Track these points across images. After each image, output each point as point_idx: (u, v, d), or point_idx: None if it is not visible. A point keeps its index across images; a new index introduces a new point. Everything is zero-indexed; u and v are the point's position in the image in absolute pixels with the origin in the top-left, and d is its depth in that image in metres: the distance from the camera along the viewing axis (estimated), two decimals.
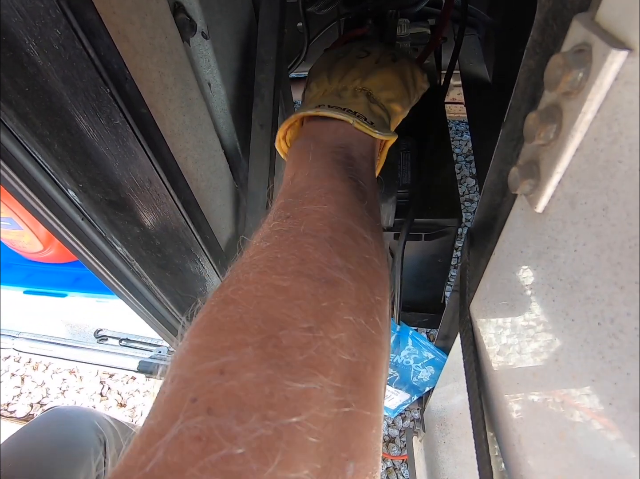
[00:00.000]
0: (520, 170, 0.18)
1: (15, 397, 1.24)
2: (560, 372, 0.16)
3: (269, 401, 0.13)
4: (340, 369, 0.15)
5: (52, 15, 0.27)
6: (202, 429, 0.12)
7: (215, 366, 0.14)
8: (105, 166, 0.38)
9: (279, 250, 0.18)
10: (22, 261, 0.72)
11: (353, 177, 0.24)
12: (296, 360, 0.14)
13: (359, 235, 0.20)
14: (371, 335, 0.17)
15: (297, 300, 0.16)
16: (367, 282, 0.18)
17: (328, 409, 0.14)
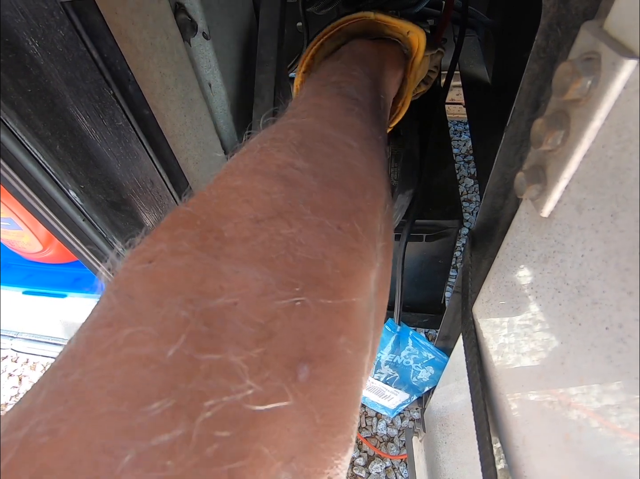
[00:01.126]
0: (526, 174, 0.18)
1: (12, 398, 1.24)
2: (566, 375, 0.16)
3: (197, 287, 0.12)
4: (294, 266, 0.13)
5: (56, 17, 0.27)
6: (115, 314, 0.11)
7: (146, 256, 0.13)
8: (107, 167, 0.38)
9: (241, 156, 0.17)
10: (22, 261, 0.72)
11: (344, 92, 0.23)
12: (237, 250, 0.13)
13: (339, 142, 0.18)
14: (345, 239, 0.15)
15: (247, 196, 0.15)
16: (343, 187, 0.16)
17: (273, 301, 0.12)
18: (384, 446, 1.02)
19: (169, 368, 0.10)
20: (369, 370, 0.17)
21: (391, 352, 0.57)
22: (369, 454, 1.01)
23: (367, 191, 0.17)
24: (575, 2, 0.21)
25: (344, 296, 0.14)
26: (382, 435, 1.04)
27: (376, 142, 0.21)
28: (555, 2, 0.21)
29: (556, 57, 0.23)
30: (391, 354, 0.58)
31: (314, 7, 0.80)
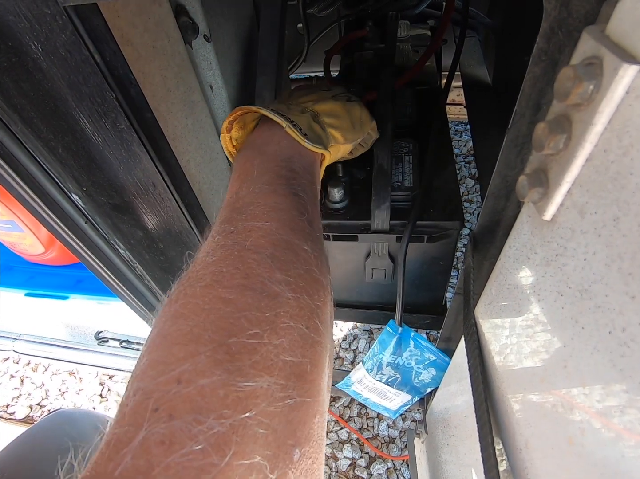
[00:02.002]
0: (528, 178, 0.18)
1: (14, 399, 1.24)
2: (569, 378, 0.16)
3: (223, 402, 0.15)
4: (284, 369, 0.17)
5: (59, 21, 0.27)
6: (165, 434, 0.14)
7: (173, 377, 0.15)
8: (109, 170, 0.38)
9: (224, 264, 0.19)
10: (24, 263, 0.72)
11: (295, 191, 0.25)
12: (245, 364, 0.16)
13: (299, 248, 0.22)
14: (311, 337, 0.19)
15: (243, 311, 0.17)
16: (306, 291, 0.20)
17: (275, 404, 0.16)
18: (385, 447, 1.02)
19: (217, 476, 0.13)
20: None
21: (393, 353, 0.57)
22: (370, 455, 1.01)
23: (320, 289, 0.22)
24: (576, 5, 0.21)
25: (317, 384, 0.18)
26: (383, 436, 1.03)
27: (318, 240, 0.25)
28: (557, 6, 0.21)
29: (558, 60, 0.23)
30: (393, 355, 0.58)
31: (315, 9, 0.80)
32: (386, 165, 0.46)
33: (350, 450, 1.02)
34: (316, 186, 0.31)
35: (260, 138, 0.31)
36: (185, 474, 0.13)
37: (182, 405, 0.14)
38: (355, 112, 0.39)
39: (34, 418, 1.20)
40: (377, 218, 0.48)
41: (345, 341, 1.21)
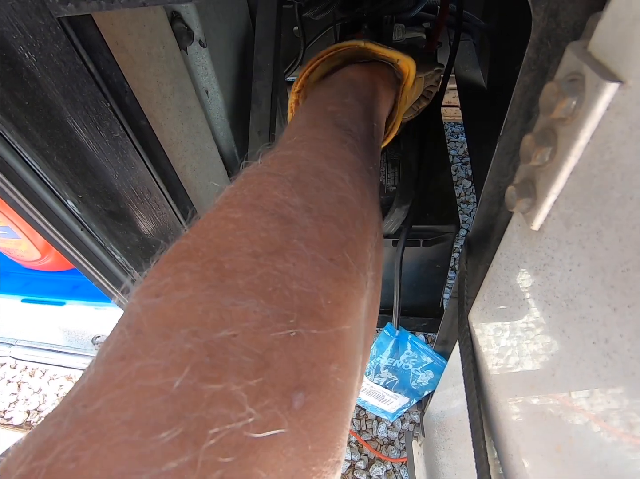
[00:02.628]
0: (517, 188, 0.18)
1: (11, 404, 1.23)
2: (557, 387, 0.17)
3: (200, 319, 0.13)
4: (289, 298, 0.14)
5: (53, 32, 0.27)
6: (127, 347, 0.12)
7: (153, 291, 0.14)
8: (104, 177, 0.38)
9: (238, 187, 0.18)
10: (20, 269, 0.72)
11: (339, 123, 0.23)
12: (237, 283, 0.14)
13: (332, 175, 0.19)
14: (335, 269, 0.16)
15: (246, 230, 0.15)
16: (335, 221, 0.17)
17: (270, 334, 0.13)
18: (384, 449, 1.02)
19: (176, 398, 0.11)
20: (358, 391, 0.17)
21: (390, 356, 0.58)
22: (369, 457, 1.02)
23: (357, 222, 0.18)
24: (564, 16, 0.21)
25: (336, 325, 0.15)
26: (382, 438, 1.04)
27: (367, 173, 0.21)
28: (545, 17, 0.22)
29: (547, 70, 0.23)
30: (390, 358, 0.58)
31: (310, 12, 0.80)
32: (414, 165, 0.45)
33: (350, 452, 1.02)
34: (376, 119, 0.28)
35: (316, 88, 0.31)
36: (138, 393, 0.11)
37: (153, 319, 0.13)
38: (416, 50, 0.39)
39: (31, 423, 1.19)
40: (392, 218, 0.48)
41: None
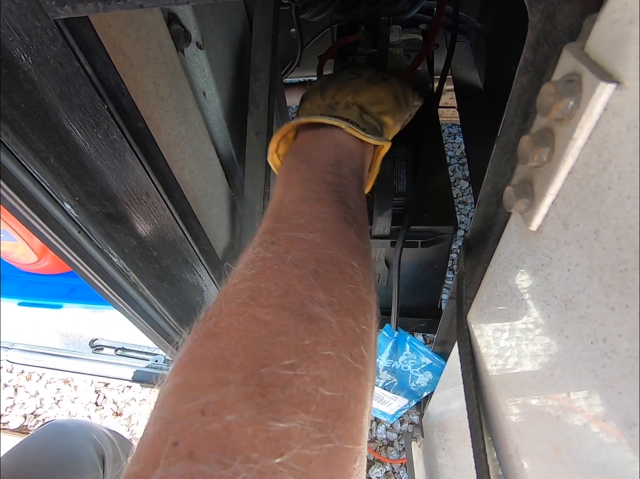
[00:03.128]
0: (515, 189, 0.18)
1: (8, 408, 1.22)
2: (555, 386, 0.17)
3: (251, 443, 0.13)
4: (322, 405, 0.15)
5: (49, 34, 0.27)
6: (184, 475, 0.12)
7: (197, 407, 0.14)
8: (102, 179, 0.38)
9: (263, 279, 0.18)
10: (17, 272, 0.71)
11: (342, 199, 0.24)
12: (278, 398, 0.14)
13: (345, 264, 0.20)
14: (355, 367, 0.17)
15: (279, 336, 0.16)
16: (352, 314, 0.18)
17: (311, 447, 0.14)
18: (383, 450, 1.02)
19: None
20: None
21: (389, 358, 0.58)
22: (368, 458, 1.01)
23: (367, 311, 0.19)
24: (560, 18, 0.21)
25: (357, 423, 0.16)
26: (381, 439, 1.04)
27: (366, 254, 0.22)
28: (542, 19, 0.22)
29: (544, 71, 0.23)
30: (389, 359, 0.58)
31: (307, 14, 0.80)
32: (388, 172, 0.46)
33: None
34: (363, 190, 0.29)
35: (305, 143, 0.29)
36: None
37: (205, 442, 0.13)
38: (397, 89, 0.36)
39: (28, 427, 1.18)
40: (379, 224, 0.48)
41: None
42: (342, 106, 0.32)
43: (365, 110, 0.32)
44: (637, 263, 0.12)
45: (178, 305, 0.57)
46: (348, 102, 0.32)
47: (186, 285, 0.55)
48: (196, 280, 0.55)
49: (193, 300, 0.58)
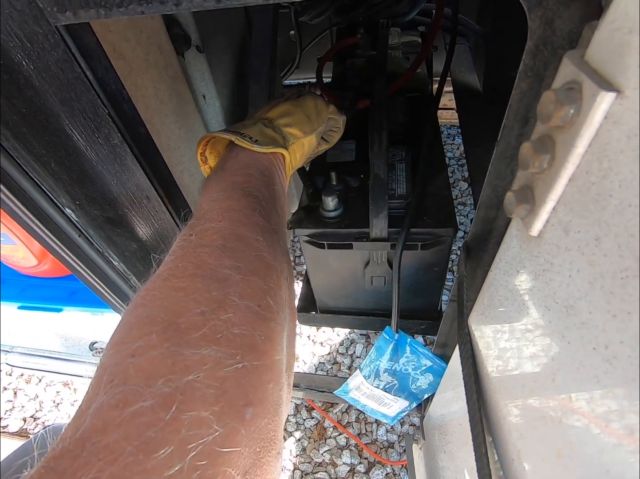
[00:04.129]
0: (515, 194, 0.19)
1: (7, 412, 1.22)
2: (557, 392, 0.17)
3: (171, 369, 0.17)
4: (233, 340, 0.18)
5: (51, 40, 0.27)
6: (119, 398, 0.16)
7: (128, 352, 0.17)
8: (102, 184, 0.38)
9: (180, 260, 0.22)
10: (17, 276, 0.71)
11: (248, 192, 0.28)
12: (193, 337, 0.18)
13: (250, 238, 0.24)
14: (263, 314, 0.21)
15: (192, 295, 0.19)
16: (258, 274, 0.22)
17: (223, 369, 0.17)
18: (384, 452, 1.01)
19: (164, 427, 0.15)
20: (288, 400, 0.23)
21: (390, 360, 0.58)
22: (369, 460, 1.01)
23: (273, 273, 0.24)
24: (560, 24, 0.21)
25: (270, 356, 0.20)
26: (382, 441, 1.03)
27: (275, 233, 0.27)
28: (541, 25, 0.22)
29: (543, 76, 0.24)
30: (390, 362, 0.58)
31: (306, 17, 0.80)
32: (382, 174, 0.46)
33: (349, 456, 1.02)
34: (275, 186, 0.33)
35: (223, 158, 0.34)
36: (136, 428, 0.15)
37: (135, 373, 0.16)
38: (308, 103, 0.41)
39: (27, 430, 1.18)
40: (375, 226, 0.48)
41: (342, 346, 1.21)
42: (250, 122, 0.36)
43: (272, 124, 0.37)
44: (638, 271, 0.12)
45: None
46: (260, 118, 0.38)
47: None
48: None
49: None
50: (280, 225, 0.29)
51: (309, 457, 1.04)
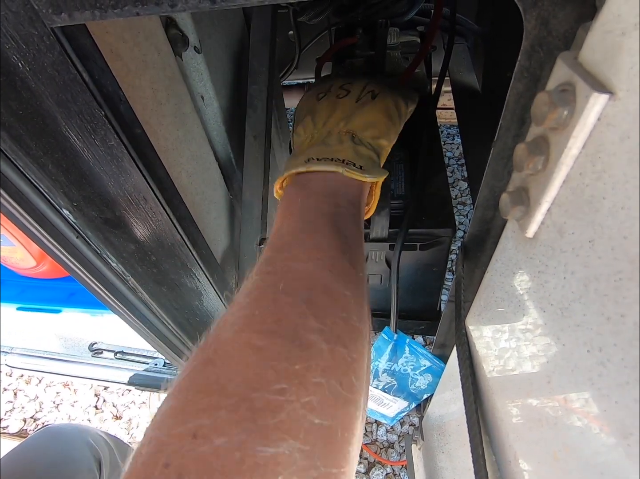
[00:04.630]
0: (510, 196, 0.19)
1: (7, 412, 1.22)
2: (552, 394, 0.17)
3: (239, 468, 0.14)
4: (311, 432, 0.15)
5: (46, 42, 0.27)
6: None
7: (189, 430, 0.14)
8: (100, 185, 0.38)
9: (257, 306, 0.19)
10: (16, 277, 0.71)
11: (337, 229, 0.24)
12: (268, 423, 0.15)
13: (337, 292, 0.21)
14: (344, 395, 0.17)
15: (271, 361, 0.16)
16: (343, 342, 0.19)
17: (297, 474, 0.14)
18: (384, 452, 1.01)
19: None
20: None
21: (388, 360, 0.58)
22: (369, 461, 1.01)
23: (358, 339, 0.20)
24: (555, 24, 0.21)
25: (345, 453, 0.16)
26: (382, 441, 1.03)
27: (360, 283, 0.23)
28: (536, 25, 0.22)
29: (539, 77, 0.24)
30: (389, 362, 0.58)
31: (305, 17, 0.80)
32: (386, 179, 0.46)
33: None
34: (361, 221, 0.29)
35: (304, 176, 0.30)
36: None
37: (194, 465, 0.14)
38: (388, 104, 0.35)
39: (27, 431, 1.18)
40: (376, 225, 0.48)
41: None
42: (335, 139, 0.31)
43: (359, 139, 0.32)
44: (632, 273, 0.12)
45: (177, 309, 0.57)
46: (340, 132, 0.32)
47: (185, 289, 0.55)
48: (195, 284, 0.55)
49: (192, 304, 0.58)
50: (365, 270, 0.26)
51: None
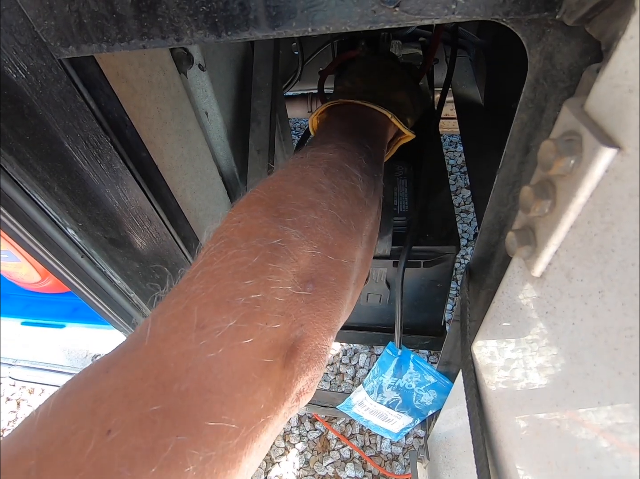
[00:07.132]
0: (517, 235, 0.18)
1: (10, 423, 1.22)
2: (562, 441, 0.16)
3: (266, 234, 0.22)
4: (315, 234, 0.23)
5: (54, 72, 0.27)
6: (221, 246, 0.21)
7: (235, 219, 0.23)
8: (105, 206, 0.38)
9: (286, 172, 0.27)
10: (20, 291, 0.72)
11: (361, 141, 0.32)
12: (286, 220, 0.23)
13: (350, 172, 0.28)
14: (342, 226, 0.25)
15: (293, 193, 0.24)
16: (348, 199, 0.26)
17: (303, 247, 0.22)
18: (388, 465, 1.00)
19: (252, 266, 0.20)
20: (352, 302, 0.27)
21: (393, 376, 0.57)
22: (373, 473, 1.00)
23: (361, 204, 0.28)
24: (559, 58, 0.21)
25: (337, 256, 0.24)
26: (386, 453, 1.02)
27: (373, 179, 0.31)
28: (540, 59, 0.22)
29: (544, 107, 0.24)
30: (393, 377, 0.57)
31: None
32: (388, 196, 0.48)
33: (353, 469, 1.00)
34: (383, 144, 0.37)
35: (344, 110, 0.38)
36: (232, 266, 0.20)
37: (239, 232, 0.21)
38: (415, 97, 0.45)
39: None
40: (379, 247, 0.48)
41: (345, 356, 1.20)
42: (383, 96, 0.40)
43: (399, 109, 0.40)
44: None
45: None
46: (389, 98, 0.40)
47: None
48: None
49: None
50: (380, 177, 0.33)
51: (312, 470, 1.03)
